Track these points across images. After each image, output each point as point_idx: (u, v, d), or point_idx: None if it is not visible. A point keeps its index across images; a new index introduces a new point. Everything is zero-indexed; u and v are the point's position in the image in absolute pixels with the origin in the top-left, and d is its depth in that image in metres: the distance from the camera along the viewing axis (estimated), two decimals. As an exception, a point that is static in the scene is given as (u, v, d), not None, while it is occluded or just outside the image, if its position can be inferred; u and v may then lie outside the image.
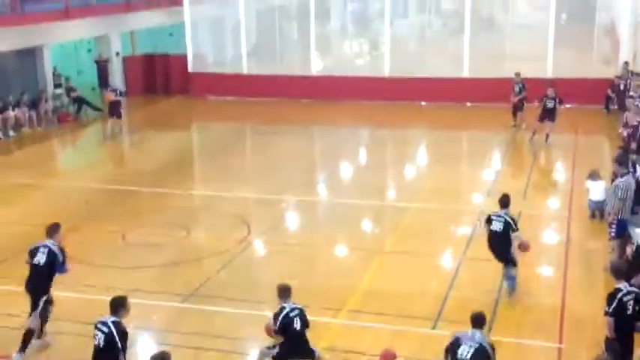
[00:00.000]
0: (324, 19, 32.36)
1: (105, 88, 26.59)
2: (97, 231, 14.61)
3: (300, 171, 18.84)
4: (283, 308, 8.64)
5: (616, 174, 12.79)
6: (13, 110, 23.25)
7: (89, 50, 31.23)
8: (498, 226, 11.11)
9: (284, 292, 8.80)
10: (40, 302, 9.75)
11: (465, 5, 26.58)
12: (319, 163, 20.92)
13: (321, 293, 11.41)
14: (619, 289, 8.42)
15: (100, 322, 8.15)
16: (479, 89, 25.48)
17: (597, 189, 14.40)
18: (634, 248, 10.87)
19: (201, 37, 31.20)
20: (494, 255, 11.33)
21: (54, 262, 9.78)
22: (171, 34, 32.59)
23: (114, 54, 29.06)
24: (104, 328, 8.05)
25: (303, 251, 13.75)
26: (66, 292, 10.78)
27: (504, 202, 11.34)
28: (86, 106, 26.04)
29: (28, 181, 18.22)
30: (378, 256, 13.39)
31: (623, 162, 12.88)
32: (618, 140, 18.40)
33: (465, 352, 7.53)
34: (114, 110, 23.05)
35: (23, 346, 9.65)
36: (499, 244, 11.18)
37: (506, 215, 11.15)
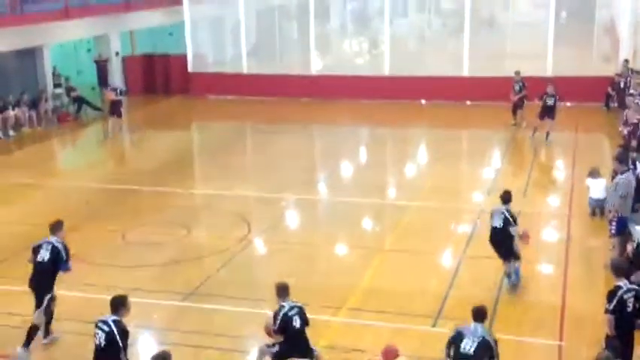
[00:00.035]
0: (323, 19, 32.37)
1: (105, 88, 26.62)
2: (97, 230, 14.61)
3: (300, 170, 18.84)
4: (282, 307, 8.62)
5: (616, 172, 12.77)
6: (13, 110, 23.26)
7: (89, 50, 31.23)
8: (498, 222, 11.22)
9: (282, 291, 8.78)
10: (44, 300, 9.75)
11: (465, 4, 26.53)
12: (319, 162, 20.91)
13: (321, 292, 11.41)
14: (619, 287, 8.42)
15: (100, 321, 8.14)
16: (479, 88, 25.46)
17: (598, 187, 14.40)
18: (634, 246, 10.90)
19: (201, 36, 31.17)
20: (495, 250, 11.40)
21: (57, 259, 9.78)
22: (171, 34, 32.56)
23: (113, 54, 29.06)
24: (105, 327, 8.05)
25: (304, 250, 13.75)
26: (67, 291, 10.76)
27: (506, 198, 11.42)
28: (86, 105, 26.06)
29: (28, 181, 18.22)
30: (379, 255, 13.39)
31: (623, 160, 12.89)
32: (618, 138, 18.40)
33: (468, 346, 7.55)
34: (114, 109, 23.03)
35: (28, 342, 9.67)
36: (499, 240, 11.28)
37: (506, 211, 11.21)
